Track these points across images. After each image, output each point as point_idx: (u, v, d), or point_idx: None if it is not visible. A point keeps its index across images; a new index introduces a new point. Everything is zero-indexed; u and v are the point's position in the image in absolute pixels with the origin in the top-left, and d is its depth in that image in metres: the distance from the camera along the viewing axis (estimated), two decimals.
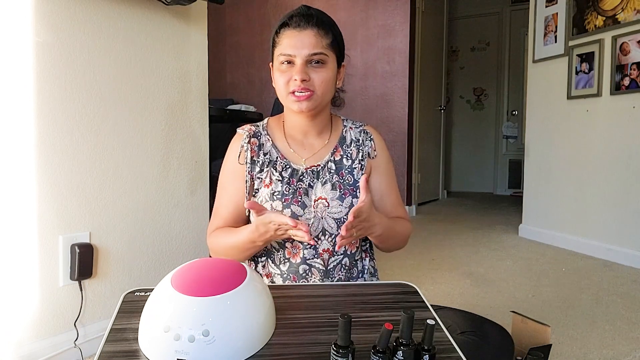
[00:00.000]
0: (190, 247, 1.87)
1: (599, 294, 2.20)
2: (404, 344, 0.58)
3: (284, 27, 1.00)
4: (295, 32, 0.98)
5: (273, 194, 1.02)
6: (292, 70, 0.98)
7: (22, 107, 1.35)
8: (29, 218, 1.38)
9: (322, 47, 0.98)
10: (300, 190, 1.03)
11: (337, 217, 1.01)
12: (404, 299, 0.83)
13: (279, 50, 1.00)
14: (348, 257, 1.05)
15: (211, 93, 1.98)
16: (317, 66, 0.98)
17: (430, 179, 4.93)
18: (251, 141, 1.07)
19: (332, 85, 1.03)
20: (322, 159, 1.07)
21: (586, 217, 2.96)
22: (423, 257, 2.82)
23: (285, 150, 1.07)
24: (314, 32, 0.98)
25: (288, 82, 0.98)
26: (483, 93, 5.87)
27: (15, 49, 1.33)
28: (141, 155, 1.68)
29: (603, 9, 2.80)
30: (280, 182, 1.03)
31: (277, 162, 1.05)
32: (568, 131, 3.08)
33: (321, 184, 1.04)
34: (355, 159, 1.08)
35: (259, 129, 1.10)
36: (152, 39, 1.69)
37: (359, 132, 1.11)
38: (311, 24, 0.98)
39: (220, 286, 0.63)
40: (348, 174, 1.06)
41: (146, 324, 0.64)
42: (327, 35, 1.00)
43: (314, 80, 0.98)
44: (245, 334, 0.62)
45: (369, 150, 1.09)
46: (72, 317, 1.49)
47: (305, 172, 1.05)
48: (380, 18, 4.17)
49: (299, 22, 0.98)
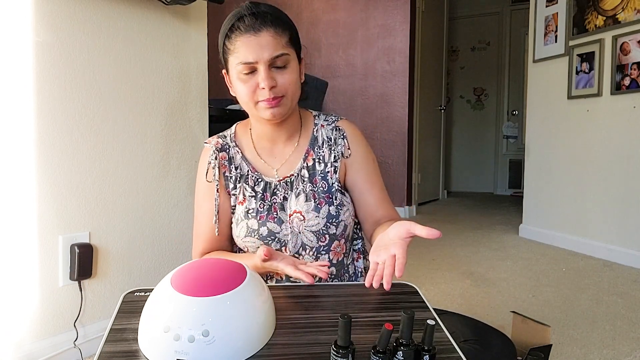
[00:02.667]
0: (189, 247, 1.86)
1: (599, 294, 2.20)
2: (404, 344, 0.58)
3: (235, 30, 0.90)
4: (251, 37, 0.88)
5: (248, 212, 0.97)
6: (255, 77, 0.89)
7: (22, 107, 1.35)
8: (29, 218, 1.38)
9: (283, 47, 0.90)
10: (276, 205, 0.98)
11: (315, 229, 0.96)
12: (404, 299, 0.82)
13: (235, 59, 0.90)
14: (334, 265, 1.00)
15: (211, 93, 1.97)
16: (282, 69, 0.90)
17: (430, 179, 4.93)
18: (220, 155, 1.01)
19: (299, 84, 0.95)
20: (294, 167, 1.01)
21: (586, 217, 2.95)
22: (423, 257, 2.82)
23: (255, 161, 1.02)
24: (270, 32, 0.88)
25: (254, 90, 0.90)
26: (483, 93, 5.87)
27: (15, 49, 1.33)
28: (141, 155, 1.67)
29: (603, 9, 2.79)
30: (253, 198, 0.98)
31: (249, 176, 1.00)
32: (568, 131, 3.08)
33: (295, 196, 0.98)
34: (327, 161, 1.00)
35: (227, 141, 1.03)
36: (151, 39, 1.69)
37: (332, 129, 1.03)
38: (267, 24, 0.88)
39: (220, 286, 0.63)
40: (322, 179, 1.00)
41: (146, 324, 0.64)
42: (285, 32, 0.91)
43: (281, 84, 0.90)
44: (245, 334, 0.62)
45: (342, 149, 1.01)
46: (72, 317, 1.49)
47: (279, 184, 0.99)
48: (380, 18, 4.17)
49: (251, 23, 0.88)
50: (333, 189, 0.99)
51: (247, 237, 0.97)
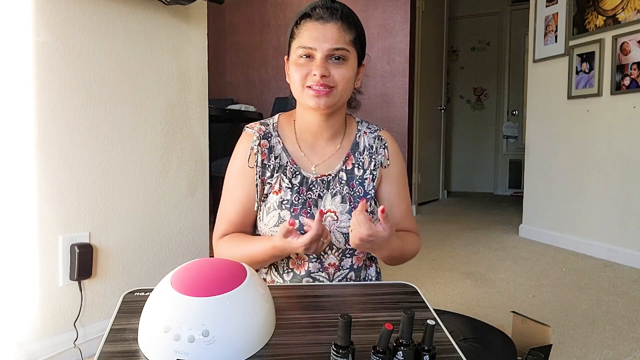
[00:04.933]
0: (189, 247, 1.87)
1: (599, 294, 2.20)
2: (404, 345, 0.58)
3: (305, 18, 0.94)
4: (318, 25, 0.92)
5: (282, 203, 0.98)
6: (310, 65, 0.92)
7: (22, 107, 1.35)
8: (29, 218, 1.38)
9: (345, 43, 0.93)
10: (310, 201, 0.99)
11: (345, 231, 0.97)
12: (404, 299, 0.82)
13: (297, 43, 0.94)
14: (354, 271, 1.01)
15: (211, 93, 1.98)
16: (338, 62, 0.93)
17: (430, 179, 4.93)
18: (261, 143, 1.01)
19: (352, 84, 0.98)
20: (334, 168, 1.02)
21: (586, 217, 2.95)
22: (423, 257, 2.82)
23: (296, 154, 1.02)
24: (337, 25, 0.92)
25: (306, 76, 0.93)
26: (483, 93, 5.86)
27: (15, 49, 1.33)
28: (141, 155, 1.67)
29: (603, 9, 2.79)
30: (290, 189, 0.99)
31: (287, 168, 1.00)
32: (568, 131, 3.08)
33: (331, 196, 0.99)
34: (367, 168, 1.03)
35: (269, 129, 1.04)
36: (151, 39, 1.69)
37: (374, 138, 1.06)
38: (335, 17, 0.93)
39: (220, 286, 0.63)
40: (359, 185, 1.01)
41: (146, 324, 0.63)
42: (351, 30, 0.94)
43: (334, 77, 0.92)
44: (245, 334, 0.62)
45: (382, 159, 1.04)
46: (72, 317, 1.49)
47: (315, 181, 1.00)
48: (380, 18, 4.17)
49: (322, 14, 0.93)
50: (369, 196, 1.02)
51: (277, 227, 0.97)
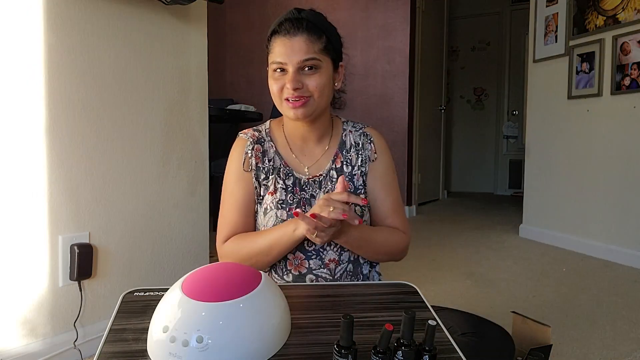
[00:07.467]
0: (189, 248, 1.87)
1: (599, 294, 2.20)
2: (404, 345, 0.58)
3: (274, 34, 0.99)
4: (285, 40, 0.96)
5: (278, 202, 1.02)
6: (284, 78, 0.96)
7: (22, 107, 1.35)
8: (29, 218, 1.38)
9: (314, 52, 0.96)
10: (304, 200, 1.03)
11: None
12: (404, 299, 0.82)
13: (271, 58, 0.99)
14: (352, 262, 1.04)
15: (211, 93, 1.97)
16: (311, 72, 0.96)
17: (430, 179, 4.93)
18: (255, 147, 1.06)
19: (329, 89, 1.01)
20: (324, 168, 1.06)
21: (586, 217, 2.95)
22: (423, 257, 2.82)
23: (288, 157, 1.07)
24: (304, 38, 0.96)
25: (282, 89, 0.97)
26: (483, 93, 5.86)
27: (15, 49, 1.33)
28: (141, 155, 1.67)
29: (603, 9, 2.79)
30: (284, 190, 1.03)
31: (281, 170, 1.05)
32: (568, 131, 3.08)
33: (323, 194, 1.01)
34: (355, 164, 1.07)
35: (262, 134, 1.09)
36: (151, 39, 1.69)
37: (359, 134, 1.10)
38: (301, 30, 0.96)
39: (227, 293, 0.61)
40: (349, 181, 1.05)
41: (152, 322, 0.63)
42: (320, 39, 0.98)
43: (308, 86, 0.96)
44: (243, 344, 0.60)
45: (369, 153, 1.08)
46: (72, 317, 1.48)
47: (308, 181, 1.05)
48: (380, 18, 4.17)
49: (288, 28, 0.96)
50: (359, 191, 1.06)
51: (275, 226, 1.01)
